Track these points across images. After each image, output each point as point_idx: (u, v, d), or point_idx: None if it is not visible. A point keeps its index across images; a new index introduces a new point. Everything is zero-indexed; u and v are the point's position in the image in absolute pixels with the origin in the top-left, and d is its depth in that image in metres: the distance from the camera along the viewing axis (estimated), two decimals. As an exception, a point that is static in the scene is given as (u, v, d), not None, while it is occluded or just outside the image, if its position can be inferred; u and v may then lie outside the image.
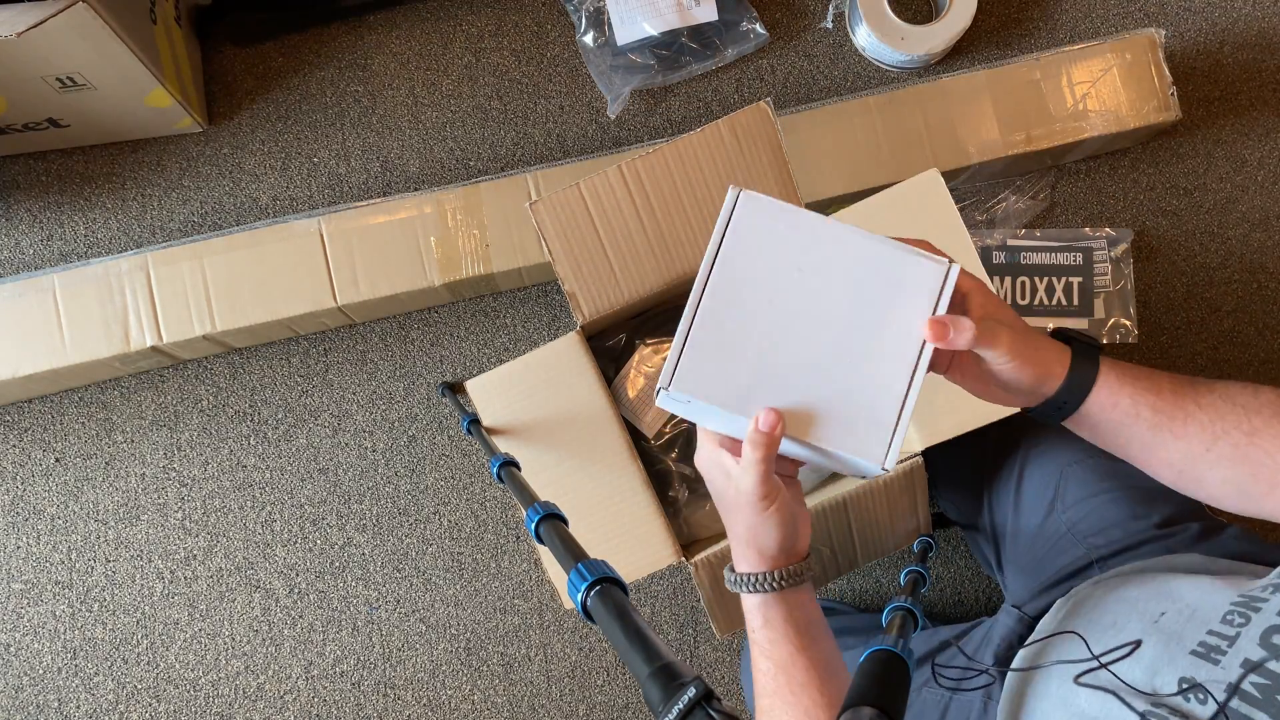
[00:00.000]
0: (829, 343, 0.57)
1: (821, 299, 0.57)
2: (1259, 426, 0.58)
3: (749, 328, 0.57)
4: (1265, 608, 0.54)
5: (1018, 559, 0.89)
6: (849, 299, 0.57)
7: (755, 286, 0.58)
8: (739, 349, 0.57)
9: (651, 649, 0.47)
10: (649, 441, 0.98)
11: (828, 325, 0.57)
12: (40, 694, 1.28)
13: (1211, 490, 0.61)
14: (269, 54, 1.36)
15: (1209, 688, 0.52)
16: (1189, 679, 0.53)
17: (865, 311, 0.57)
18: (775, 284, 0.58)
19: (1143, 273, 1.32)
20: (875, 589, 1.30)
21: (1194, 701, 0.52)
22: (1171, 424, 0.60)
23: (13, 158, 1.33)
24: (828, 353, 0.57)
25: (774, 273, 0.58)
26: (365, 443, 1.31)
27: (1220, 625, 0.56)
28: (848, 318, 0.57)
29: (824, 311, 0.57)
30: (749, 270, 0.58)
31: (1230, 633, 0.55)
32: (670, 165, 0.91)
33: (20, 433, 1.31)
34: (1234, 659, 0.53)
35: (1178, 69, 1.32)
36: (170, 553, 1.30)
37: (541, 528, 0.65)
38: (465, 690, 1.29)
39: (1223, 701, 0.50)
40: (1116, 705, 0.57)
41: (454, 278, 1.20)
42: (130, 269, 1.19)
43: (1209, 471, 0.60)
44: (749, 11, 1.34)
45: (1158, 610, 0.62)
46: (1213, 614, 0.58)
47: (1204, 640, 0.56)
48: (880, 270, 0.57)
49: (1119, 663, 0.58)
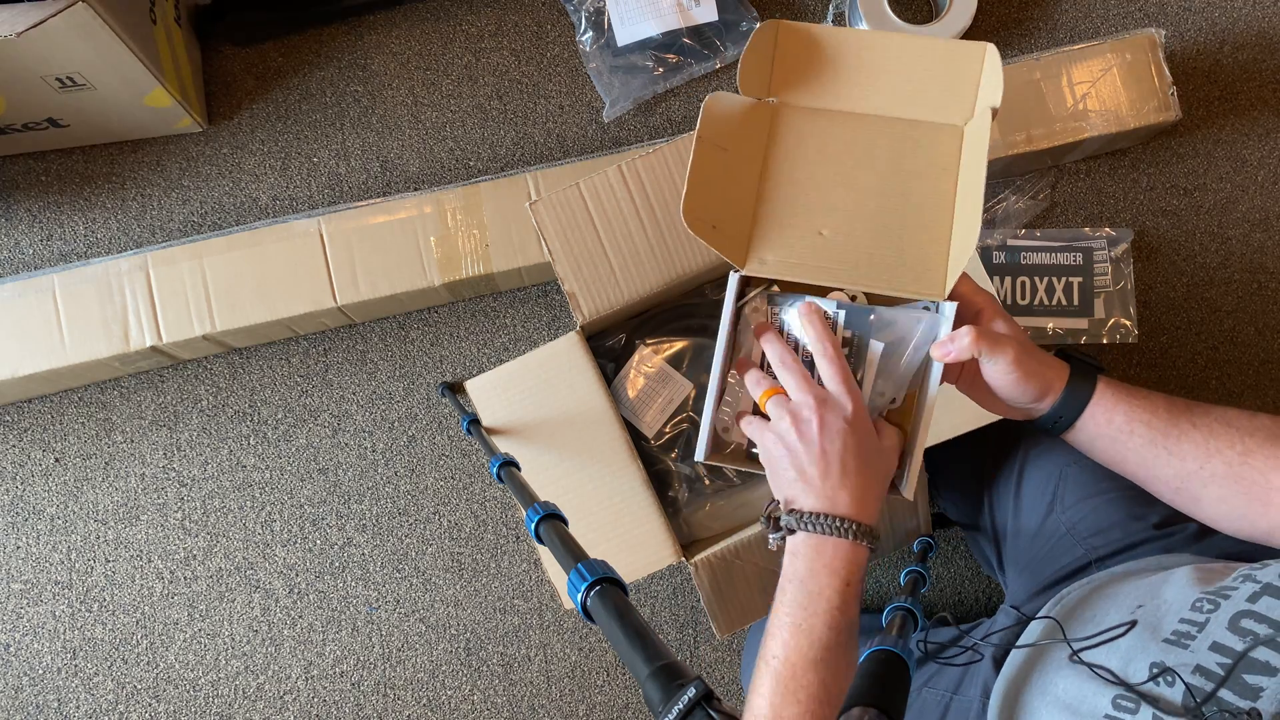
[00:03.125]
0: None
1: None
2: (1252, 447, 0.61)
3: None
4: (1235, 595, 0.56)
5: (1018, 559, 0.90)
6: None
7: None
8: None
9: (651, 649, 0.47)
10: (649, 441, 0.98)
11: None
12: (40, 694, 1.28)
13: (1208, 510, 0.64)
14: (269, 54, 1.36)
15: (1178, 670, 0.53)
16: (1159, 664, 0.55)
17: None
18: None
19: (1143, 273, 1.32)
20: (875, 589, 1.30)
21: (1163, 685, 0.54)
22: (1166, 441, 0.63)
23: (13, 158, 1.33)
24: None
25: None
26: (365, 443, 1.31)
27: (1190, 613, 0.57)
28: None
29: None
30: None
31: (1200, 619, 0.56)
32: (670, 165, 0.91)
33: (20, 433, 1.31)
34: (1203, 643, 0.54)
35: (1178, 69, 1.32)
36: (170, 553, 1.30)
37: (541, 528, 0.65)
38: (465, 690, 1.29)
39: (1189, 683, 0.51)
40: (1091, 691, 0.57)
41: (454, 278, 1.20)
42: (130, 269, 1.19)
43: (1203, 489, 0.63)
44: (749, 11, 1.34)
45: (1135, 604, 0.64)
46: (1184, 604, 0.59)
47: (1175, 628, 0.57)
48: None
49: (1097, 649, 0.59)
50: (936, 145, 0.70)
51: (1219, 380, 1.33)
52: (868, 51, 0.71)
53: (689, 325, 1.00)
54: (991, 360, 0.62)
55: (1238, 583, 0.57)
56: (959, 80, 0.70)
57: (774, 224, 0.69)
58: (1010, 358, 0.62)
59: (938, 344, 0.63)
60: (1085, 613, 0.69)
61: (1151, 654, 0.56)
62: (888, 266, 0.67)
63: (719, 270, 0.96)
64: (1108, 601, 0.68)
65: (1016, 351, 0.62)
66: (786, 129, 0.71)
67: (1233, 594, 0.56)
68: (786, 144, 0.71)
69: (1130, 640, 0.59)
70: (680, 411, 0.99)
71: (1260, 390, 1.33)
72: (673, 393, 0.98)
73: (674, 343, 0.99)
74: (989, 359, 0.62)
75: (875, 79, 0.71)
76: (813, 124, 0.71)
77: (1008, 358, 0.61)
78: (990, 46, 0.68)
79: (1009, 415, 0.68)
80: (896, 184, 0.69)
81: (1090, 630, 0.64)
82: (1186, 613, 0.58)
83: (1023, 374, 0.62)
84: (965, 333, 0.62)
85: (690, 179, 0.64)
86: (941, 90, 0.70)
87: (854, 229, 0.68)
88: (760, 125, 0.71)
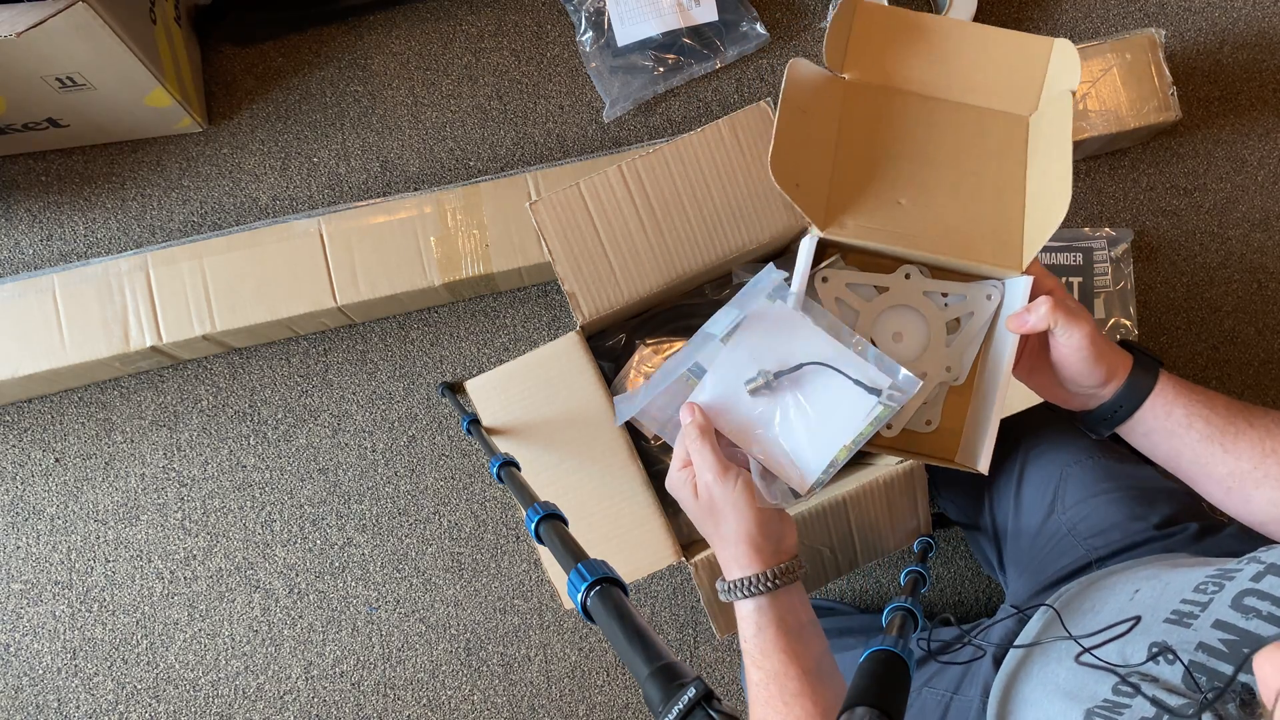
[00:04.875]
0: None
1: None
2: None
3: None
4: (1239, 575, 0.55)
5: (1019, 559, 0.90)
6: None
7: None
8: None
9: (651, 649, 0.47)
10: (649, 441, 0.98)
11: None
12: (40, 694, 1.28)
13: (1259, 512, 0.63)
14: (269, 54, 1.36)
15: (1177, 649, 0.53)
16: (1159, 643, 0.54)
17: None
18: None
19: (1143, 273, 1.32)
20: (875, 589, 1.30)
21: (1163, 664, 0.53)
22: (1223, 438, 0.63)
23: (12, 158, 1.33)
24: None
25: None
26: (365, 443, 1.31)
27: (1193, 594, 0.57)
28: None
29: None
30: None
31: (1203, 599, 0.56)
32: (670, 165, 0.91)
33: (20, 433, 1.31)
34: (1205, 621, 0.54)
35: (1178, 69, 1.32)
36: (170, 553, 1.30)
37: (541, 528, 0.65)
38: (465, 690, 1.29)
39: (1191, 659, 0.51)
40: (1093, 680, 0.57)
41: (454, 278, 1.20)
42: (130, 269, 1.19)
43: (1256, 490, 0.62)
44: (749, 11, 1.34)
45: (1133, 589, 0.64)
46: (1186, 586, 0.59)
47: (1177, 609, 0.57)
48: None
49: (1094, 635, 0.59)
50: (1003, 133, 0.71)
51: (1219, 380, 1.33)
52: (940, 37, 0.71)
53: (689, 325, 1.00)
54: (1067, 333, 0.61)
55: (1243, 564, 0.57)
56: (1026, 73, 0.71)
57: (852, 191, 0.69)
58: (1086, 332, 0.61)
59: (1014, 315, 0.63)
60: (1084, 605, 0.69)
61: (1152, 634, 0.56)
62: (965, 239, 0.67)
63: (719, 270, 0.96)
64: (1104, 593, 0.68)
65: (1092, 328, 0.62)
66: (860, 103, 0.71)
67: (1237, 575, 0.56)
68: (860, 118, 0.71)
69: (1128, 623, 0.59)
70: (680, 411, 0.99)
71: (1260, 390, 1.33)
72: (673, 393, 0.98)
73: (674, 343, 0.99)
74: (1065, 331, 0.61)
75: (946, 64, 0.71)
76: (885, 101, 0.71)
77: (1084, 331, 0.61)
78: (1062, 41, 0.69)
79: (1065, 403, 0.68)
80: (969, 163, 0.70)
81: (1089, 621, 0.64)
82: (1189, 594, 0.58)
83: (1094, 353, 0.62)
84: (1043, 302, 0.61)
85: (777, 136, 0.64)
86: (1009, 81, 0.71)
87: (931, 201, 0.69)
88: (835, 96, 0.71)
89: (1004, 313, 0.66)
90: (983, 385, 0.67)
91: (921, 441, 0.70)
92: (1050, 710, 0.60)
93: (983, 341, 0.68)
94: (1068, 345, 0.62)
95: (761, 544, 0.62)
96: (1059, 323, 0.61)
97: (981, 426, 0.65)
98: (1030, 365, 0.66)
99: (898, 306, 0.70)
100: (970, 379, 0.68)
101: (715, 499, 0.62)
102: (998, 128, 0.71)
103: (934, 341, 0.69)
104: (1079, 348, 0.62)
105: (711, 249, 0.91)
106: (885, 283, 0.70)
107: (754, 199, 0.91)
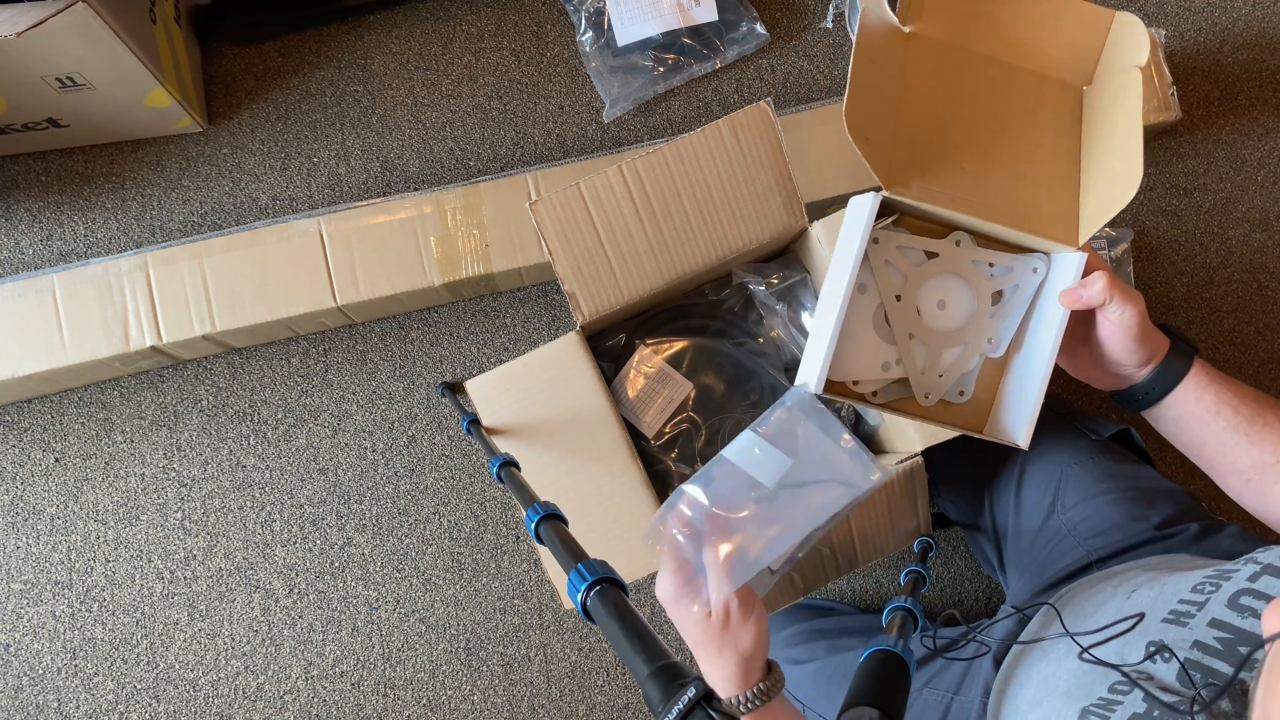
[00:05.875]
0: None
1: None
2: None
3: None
4: (1236, 576, 0.56)
5: (1019, 559, 0.90)
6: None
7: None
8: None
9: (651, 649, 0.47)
10: (649, 441, 0.98)
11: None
12: (40, 694, 1.28)
13: (1275, 507, 0.64)
14: (269, 54, 1.36)
15: (1174, 648, 0.53)
16: (1156, 642, 0.55)
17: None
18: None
19: (1143, 273, 1.32)
20: (875, 589, 1.30)
21: (1160, 662, 0.54)
22: (1250, 428, 0.63)
23: (13, 158, 1.33)
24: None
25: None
26: (365, 443, 1.31)
27: (1191, 594, 0.58)
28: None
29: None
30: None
31: (1200, 599, 0.56)
32: (670, 165, 0.90)
33: (20, 433, 1.31)
34: (1202, 620, 0.54)
35: (1178, 69, 1.31)
36: (170, 553, 1.30)
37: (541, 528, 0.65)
38: (465, 690, 1.29)
39: (1186, 658, 0.52)
40: (1091, 679, 0.57)
41: (454, 278, 1.20)
42: (130, 269, 1.19)
43: (1276, 485, 0.62)
44: (749, 11, 1.34)
45: (1130, 589, 0.64)
46: (1184, 586, 0.59)
47: (1174, 608, 0.57)
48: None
49: (1097, 632, 0.59)
50: (1058, 102, 0.70)
51: (1219, 380, 1.33)
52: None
53: (689, 325, 1.00)
54: (1120, 310, 0.62)
55: (1240, 565, 0.57)
56: (1086, 43, 0.70)
57: (917, 150, 0.68)
58: (1139, 310, 0.61)
59: (1067, 290, 0.63)
60: (1081, 606, 0.69)
61: (1150, 634, 0.57)
62: (1024, 209, 0.67)
63: (719, 270, 0.96)
64: (1105, 593, 0.68)
65: (1144, 307, 0.62)
66: (923, 59, 0.70)
67: (1234, 575, 0.56)
68: (923, 74, 0.70)
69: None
70: (680, 411, 0.99)
71: (1260, 390, 1.33)
72: (673, 393, 0.98)
73: (674, 343, 0.99)
74: (1119, 308, 0.62)
75: (1010, 26, 0.70)
76: (947, 59, 0.70)
77: (1138, 309, 0.61)
78: (1126, 15, 0.68)
79: (1096, 382, 0.68)
80: (1029, 134, 0.69)
81: (1088, 620, 0.64)
82: (1187, 594, 0.58)
83: (1141, 332, 0.62)
84: (1100, 276, 0.61)
85: (851, 85, 0.63)
86: (1067, 49, 0.70)
87: (992, 168, 0.68)
88: (898, 49, 0.70)
89: (1049, 288, 0.66)
90: (1020, 360, 0.67)
91: (953, 412, 0.70)
92: (1048, 710, 0.60)
93: (1024, 316, 0.68)
94: (1119, 323, 0.62)
95: (758, 663, 0.64)
96: (1114, 298, 0.61)
97: (1020, 402, 0.65)
98: (1072, 347, 0.67)
99: (944, 274, 0.69)
100: (1008, 353, 0.68)
101: (735, 624, 0.63)
102: (1053, 96, 0.70)
103: (979, 311, 0.68)
104: (1130, 326, 0.62)
105: (711, 249, 0.91)
106: (935, 248, 0.69)
107: (754, 199, 0.91)
